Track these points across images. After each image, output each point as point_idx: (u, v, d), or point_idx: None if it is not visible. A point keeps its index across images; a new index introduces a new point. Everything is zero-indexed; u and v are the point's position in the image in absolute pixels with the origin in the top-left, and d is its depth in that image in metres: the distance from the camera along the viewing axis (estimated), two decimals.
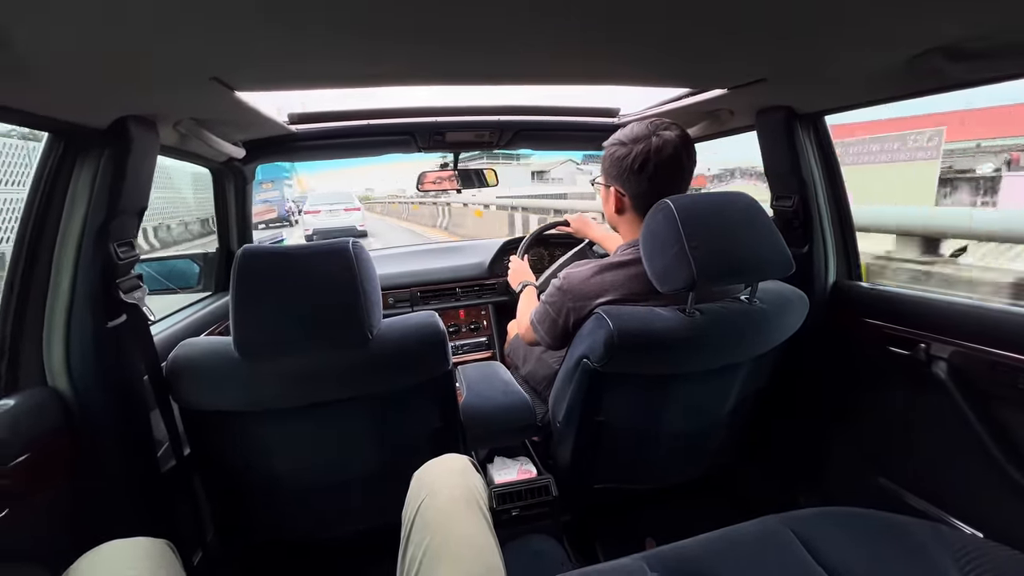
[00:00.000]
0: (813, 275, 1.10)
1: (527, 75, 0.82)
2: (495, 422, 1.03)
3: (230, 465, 0.87)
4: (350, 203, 12.66)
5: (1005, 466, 0.80)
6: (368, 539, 1.00)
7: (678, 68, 0.82)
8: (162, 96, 0.74)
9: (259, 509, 0.94)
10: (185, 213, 12.34)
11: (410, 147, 1.43)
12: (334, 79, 0.78)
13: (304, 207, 13.22)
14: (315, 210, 12.36)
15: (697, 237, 0.76)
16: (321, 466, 0.90)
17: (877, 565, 0.64)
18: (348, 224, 11.93)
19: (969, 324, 0.86)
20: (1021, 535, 0.77)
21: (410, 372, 0.83)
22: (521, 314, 1.25)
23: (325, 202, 12.69)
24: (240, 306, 0.70)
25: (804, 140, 1.06)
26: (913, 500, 0.97)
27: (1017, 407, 0.80)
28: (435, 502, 0.63)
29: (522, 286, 1.35)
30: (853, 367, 1.09)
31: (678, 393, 0.93)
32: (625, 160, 0.89)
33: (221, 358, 0.75)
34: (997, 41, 0.61)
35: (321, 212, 12.23)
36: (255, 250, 0.73)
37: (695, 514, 1.18)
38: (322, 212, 12.22)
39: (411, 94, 32.88)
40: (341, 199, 12.89)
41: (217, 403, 0.78)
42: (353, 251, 0.74)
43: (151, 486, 0.86)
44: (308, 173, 63.57)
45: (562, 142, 1.62)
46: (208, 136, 0.97)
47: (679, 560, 0.68)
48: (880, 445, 1.07)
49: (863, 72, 0.78)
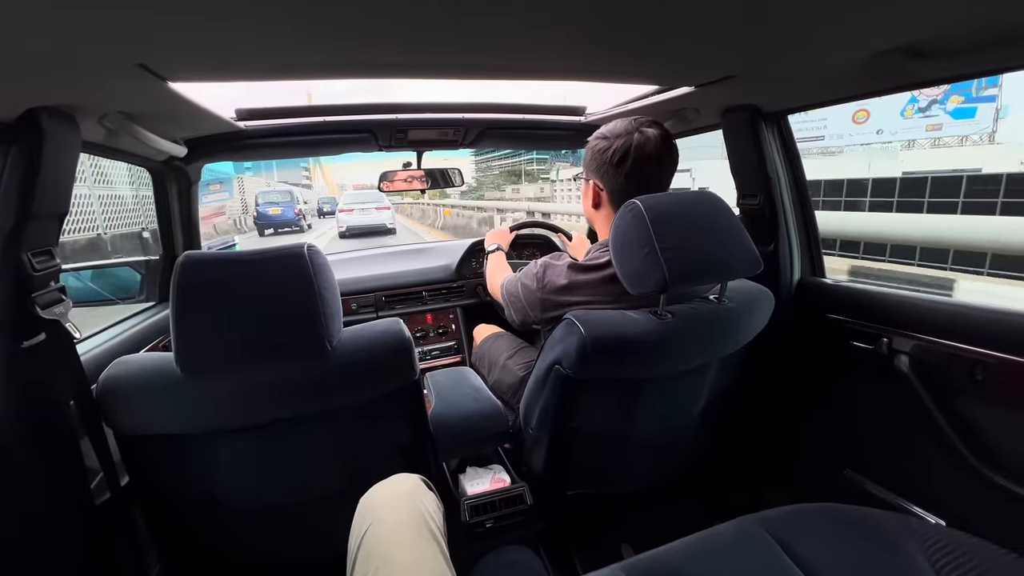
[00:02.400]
0: (779, 273, 1.11)
1: (491, 69, 0.79)
2: (466, 431, 0.99)
3: (176, 493, 0.79)
4: (380, 202, 13.29)
5: (965, 455, 0.83)
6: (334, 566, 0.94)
7: (647, 65, 0.81)
8: (80, 85, 0.66)
9: (210, 538, 0.87)
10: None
11: (370, 145, 1.36)
12: (280, 70, 0.71)
13: (339, 206, 14.09)
14: (349, 208, 13.13)
15: (668, 238, 0.75)
16: (280, 488, 0.83)
17: (851, 560, 0.65)
18: (379, 222, 12.94)
19: (929, 318, 0.88)
20: (981, 522, 0.80)
21: (375, 383, 0.78)
22: (491, 276, 1.29)
23: (358, 201, 13.45)
24: (181, 318, 0.64)
25: (769, 139, 1.07)
26: (879, 491, 1.00)
27: (975, 398, 0.83)
28: (379, 530, 0.59)
29: (495, 247, 1.37)
30: (818, 362, 1.10)
31: (651, 396, 0.91)
32: (605, 154, 0.88)
33: (161, 376, 0.67)
34: (957, 40, 0.61)
35: (355, 211, 13.00)
36: (197, 257, 0.67)
37: (669, 517, 1.18)
38: (355, 211, 13.00)
39: (373, 92, 32.74)
40: (372, 198, 13.41)
41: (158, 426, 0.71)
42: (308, 256, 0.68)
43: (83, 523, 0.77)
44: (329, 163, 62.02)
45: (528, 141, 1.59)
46: (141, 133, 0.87)
47: (655, 568, 0.67)
48: (846, 438, 1.09)
49: (827, 70, 0.78)
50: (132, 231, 7.72)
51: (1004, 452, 0.80)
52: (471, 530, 0.97)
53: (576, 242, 1.48)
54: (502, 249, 1.38)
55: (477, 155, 36.95)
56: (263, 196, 15.74)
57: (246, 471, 0.79)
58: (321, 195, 33.03)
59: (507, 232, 1.49)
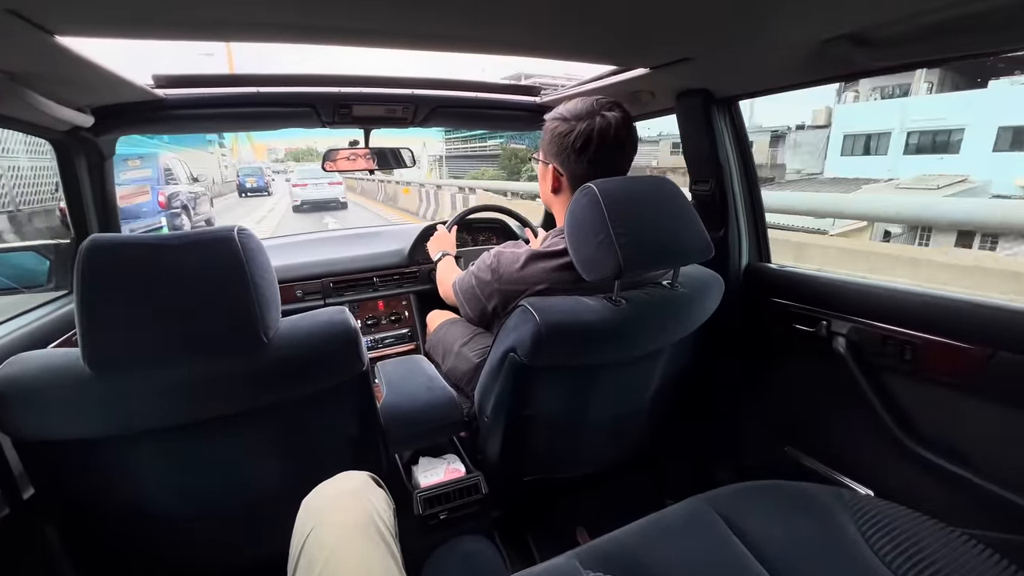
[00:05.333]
0: (728, 258, 1.14)
1: (446, 40, 0.73)
2: (419, 422, 0.96)
3: (92, 502, 0.71)
4: (333, 178, 13.99)
5: (892, 429, 0.88)
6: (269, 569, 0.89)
7: (607, 44, 0.79)
8: None
9: (133, 548, 0.79)
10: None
11: (311, 121, 1.26)
12: (194, 27, 0.62)
13: (293, 181, 14.88)
14: (303, 183, 13.76)
15: (623, 224, 0.74)
16: (212, 492, 0.77)
17: (790, 532, 0.70)
18: (332, 196, 13.75)
19: (864, 302, 0.92)
20: (905, 491, 0.86)
21: (318, 377, 0.73)
22: (441, 281, 1.23)
23: (311, 176, 13.93)
24: (87, 308, 0.56)
25: (720, 124, 1.08)
26: (815, 465, 1.06)
27: (904, 377, 0.88)
28: (322, 533, 0.55)
29: (441, 254, 1.33)
30: (763, 345, 1.15)
31: (604, 382, 0.92)
32: (567, 138, 0.85)
33: (65, 374, 0.60)
34: (900, 29, 0.63)
35: (308, 185, 13.62)
36: (106, 240, 0.59)
37: (622, 499, 1.20)
38: (309, 185, 13.62)
39: (310, 64, 30.05)
40: (325, 174, 14.11)
41: (66, 431, 0.63)
42: (239, 239, 0.61)
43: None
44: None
45: (482, 121, 1.53)
46: (32, 96, 0.75)
47: (611, 553, 0.68)
48: (787, 416, 1.14)
49: (779, 57, 0.79)
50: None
51: (926, 425, 0.87)
52: (425, 522, 0.95)
53: (541, 239, 1.46)
54: (448, 254, 1.34)
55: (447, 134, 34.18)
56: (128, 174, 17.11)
57: (172, 476, 0.72)
58: (243, 164, 30.53)
59: (448, 235, 1.43)
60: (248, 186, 20.21)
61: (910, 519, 0.69)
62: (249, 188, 20.12)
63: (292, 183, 14.94)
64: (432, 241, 1.43)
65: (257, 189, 20.27)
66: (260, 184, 20.47)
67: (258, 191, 20.26)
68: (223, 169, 26.50)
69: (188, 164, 10.28)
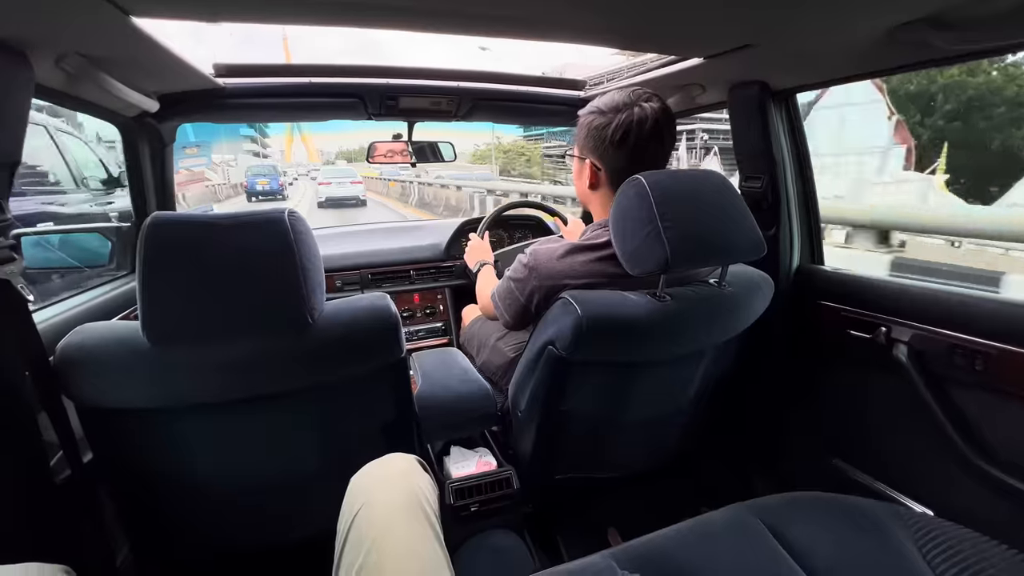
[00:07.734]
0: (779, 258, 1.09)
1: (493, 22, 0.73)
2: (452, 412, 0.96)
3: (144, 471, 0.74)
4: (354, 177, 16.17)
5: (959, 445, 0.82)
6: (311, 548, 0.91)
7: (656, 30, 0.76)
8: (29, 16, 0.58)
9: (181, 519, 0.82)
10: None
11: (359, 112, 1.29)
12: (257, 9, 0.64)
13: (318, 179, 16.64)
14: (327, 182, 15.50)
15: (671, 217, 0.71)
16: (254, 468, 0.79)
17: (842, 547, 0.65)
18: (353, 194, 15.31)
19: (929, 308, 0.86)
20: (970, 513, 0.80)
21: (358, 360, 0.74)
22: (481, 294, 1.19)
23: (335, 176, 15.98)
24: (148, 283, 0.59)
25: (776, 119, 1.03)
26: (866, 480, 1.00)
27: (975, 389, 0.82)
28: (371, 512, 0.56)
29: (479, 265, 1.28)
30: (814, 351, 1.09)
31: (644, 381, 0.89)
32: (605, 131, 0.83)
33: (125, 345, 0.62)
34: (987, 9, 0.58)
35: (332, 184, 15.32)
36: (167, 218, 0.61)
37: (657, 502, 1.16)
38: (332, 184, 15.32)
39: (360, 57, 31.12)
40: (347, 174, 16.63)
41: (123, 399, 0.65)
42: (289, 221, 0.63)
43: (42, 502, 0.72)
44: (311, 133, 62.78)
45: (525, 116, 1.53)
46: (106, 80, 0.80)
47: (648, 554, 0.66)
48: (837, 427, 1.08)
49: (844, 43, 0.74)
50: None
51: (999, 443, 0.80)
52: (456, 513, 0.95)
53: (572, 226, 1.43)
54: (486, 263, 1.29)
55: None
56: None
57: (220, 450, 0.75)
58: (294, 164, 33.07)
59: (481, 242, 1.39)
60: (258, 188, 16.90)
61: (977, 542, 0.63)
62: (260, 191, 16.84)
63: (318, 181, 16.34)
64: (468, 253, 1.39)
65: (269, 192, 16.90)
66: (274, 187, 17.22)
67: (271, 195, 16.88)
68: (229, 168, 24.79)
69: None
